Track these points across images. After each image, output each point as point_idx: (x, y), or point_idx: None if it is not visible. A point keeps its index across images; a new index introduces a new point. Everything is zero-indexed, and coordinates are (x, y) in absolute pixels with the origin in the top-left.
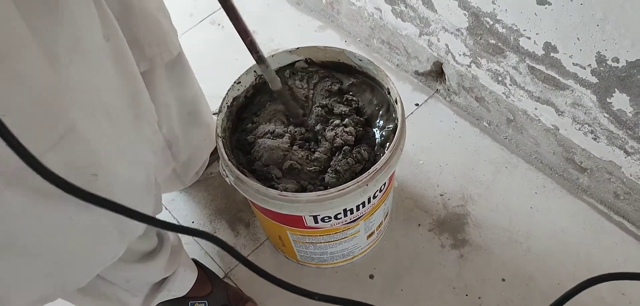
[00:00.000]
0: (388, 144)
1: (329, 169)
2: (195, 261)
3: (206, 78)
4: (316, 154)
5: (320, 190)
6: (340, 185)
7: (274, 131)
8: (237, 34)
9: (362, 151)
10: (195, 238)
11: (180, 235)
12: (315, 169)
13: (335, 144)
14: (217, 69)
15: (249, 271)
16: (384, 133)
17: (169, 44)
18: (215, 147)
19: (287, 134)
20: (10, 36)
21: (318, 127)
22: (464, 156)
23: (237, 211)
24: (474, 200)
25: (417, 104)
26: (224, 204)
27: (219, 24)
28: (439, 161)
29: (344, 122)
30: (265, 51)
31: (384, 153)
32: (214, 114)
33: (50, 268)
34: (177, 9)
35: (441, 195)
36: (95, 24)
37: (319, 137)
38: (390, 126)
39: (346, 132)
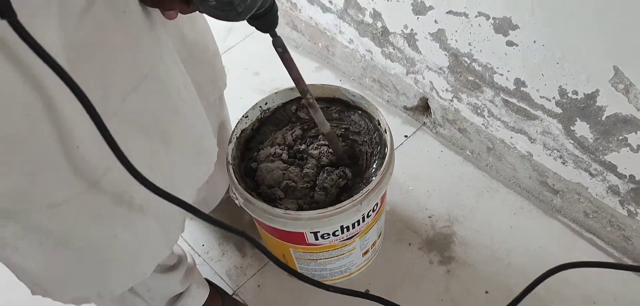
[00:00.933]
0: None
1: (316, 187)
2: (207, 280)
3: None
4: (305, 170)
5: (315, 207)
6: (329, 200)
7: (274, 152)
8: (292, 81)
9: (347, 170)
10: (206, 260)
11: (194, 258)
12: (307, 185)
13: (321, 162)
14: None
15: (256, 289)
16: (375, 159)
17: (219, 83)
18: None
19: (284, 153)
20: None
21: (308, 147)
22: (450, 182)
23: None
24: (459, 221)
25: (406, 136)
26: None
27: (224, 66)
28: (427, 187)
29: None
30: (268, 89)
31: (376, 176)
32: None
33: (93, 273)
34: None
35: (429, 217)
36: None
37: (305, 155)
38: (381, 152)
39: (330, 152)
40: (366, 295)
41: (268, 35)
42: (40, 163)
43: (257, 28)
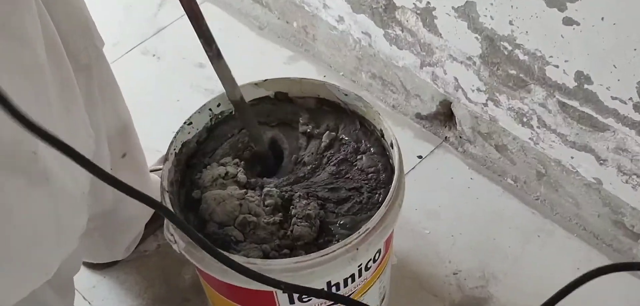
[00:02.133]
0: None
1: (293, 217)
2: None
3: (139, 124)
4: (266, 195)
5: (290, 253)
6: (313, 237)
7: (226, 173)
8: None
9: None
10: None
11: None
12: (274, 220)
13: (290, 178)
14: (152, 113)
15: None
16: (375, 185)
17: (95, 35)
18: (152, 217)
19: (240, 172)
20: None
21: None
22: (483, 222)
23: (182, 301)
24: (498, 279)
25: (420, 157)
26: (165, 291)
27: (153, 55)
28: (451, 229)
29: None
30: (218, 86)
31: (377, 209)
32: (150, 170)
33: None
34: None
35: (454, 274)
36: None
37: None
38: (385, 178)
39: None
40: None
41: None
42: None
43: None
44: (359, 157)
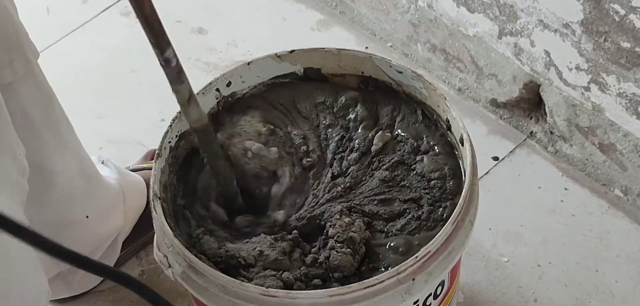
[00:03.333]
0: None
1: (330, 240)
2: None
3: (114, 108)
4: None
5: (319, 285)
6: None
7: None
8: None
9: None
10: None
11: None
12: (290, 242)
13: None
14: (134, 94)
15: None
16: (439, 196)
17: (25, 47)
18: (132, 232)
19: None
20: None
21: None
22: (583, 247)
23: None
24: None
25: (496, 158)
26: None
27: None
28: (537, 256)
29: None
30: (226, 60)
31: (441, 227)
32: (132, 169)
33: None
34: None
35: None
36: None
37: None
38: (451, 186)
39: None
40: None
41: None
42: None
43: None
44: (418, 158)
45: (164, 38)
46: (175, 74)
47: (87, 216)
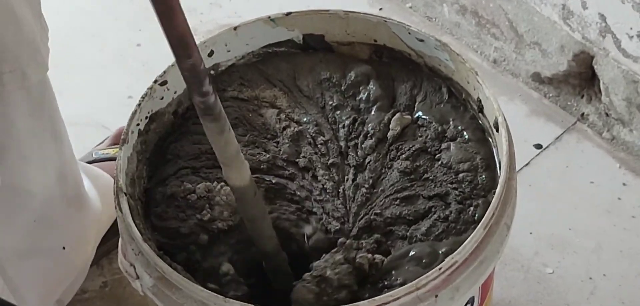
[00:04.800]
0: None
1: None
2: None
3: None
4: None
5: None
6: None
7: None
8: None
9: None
10: None
11: None
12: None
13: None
14: (93, 63)
15: None
16: (469, 192)
17: (23, 59)
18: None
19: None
20: None
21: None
22: None
23: None
24: None
25: (539, 146)
26: None
27: None
28: (589, 267)
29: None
30: (207, 26)
31: (472, 231)
32: (93, 159)
33: None
34: None
35: None
36: None
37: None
38: (484, 178)
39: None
40: None
41: None
42: None
43: None
44: (444, 146)
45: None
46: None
47: (64, 247)
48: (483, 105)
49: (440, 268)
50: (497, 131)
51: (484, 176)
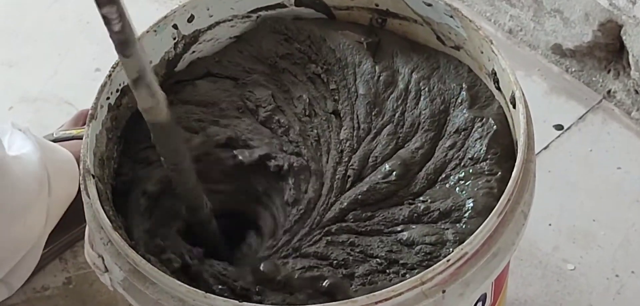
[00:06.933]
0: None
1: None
2: None
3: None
4: None
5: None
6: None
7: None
8: None
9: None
10: None
11: None
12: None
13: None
14: (52, 31)
15: None
16: (474, 173)
17: None
18: (56, 228)
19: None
20: None
21: None
22: None
23: None
24: None
25: (560, 127)
26: None
27: None
28: (615, 263)
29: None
30: None
31: (483, 220)
32: (55, 138)
33: None
34: None
35: None
36: None
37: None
38: (496, 156)
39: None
40: None
41: None
42: None
43: None
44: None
45: None
46: (120, 43)
47: None
48: (498, 78)
49: (448, 260)
50: (514, 107)
51: (497, 158)
